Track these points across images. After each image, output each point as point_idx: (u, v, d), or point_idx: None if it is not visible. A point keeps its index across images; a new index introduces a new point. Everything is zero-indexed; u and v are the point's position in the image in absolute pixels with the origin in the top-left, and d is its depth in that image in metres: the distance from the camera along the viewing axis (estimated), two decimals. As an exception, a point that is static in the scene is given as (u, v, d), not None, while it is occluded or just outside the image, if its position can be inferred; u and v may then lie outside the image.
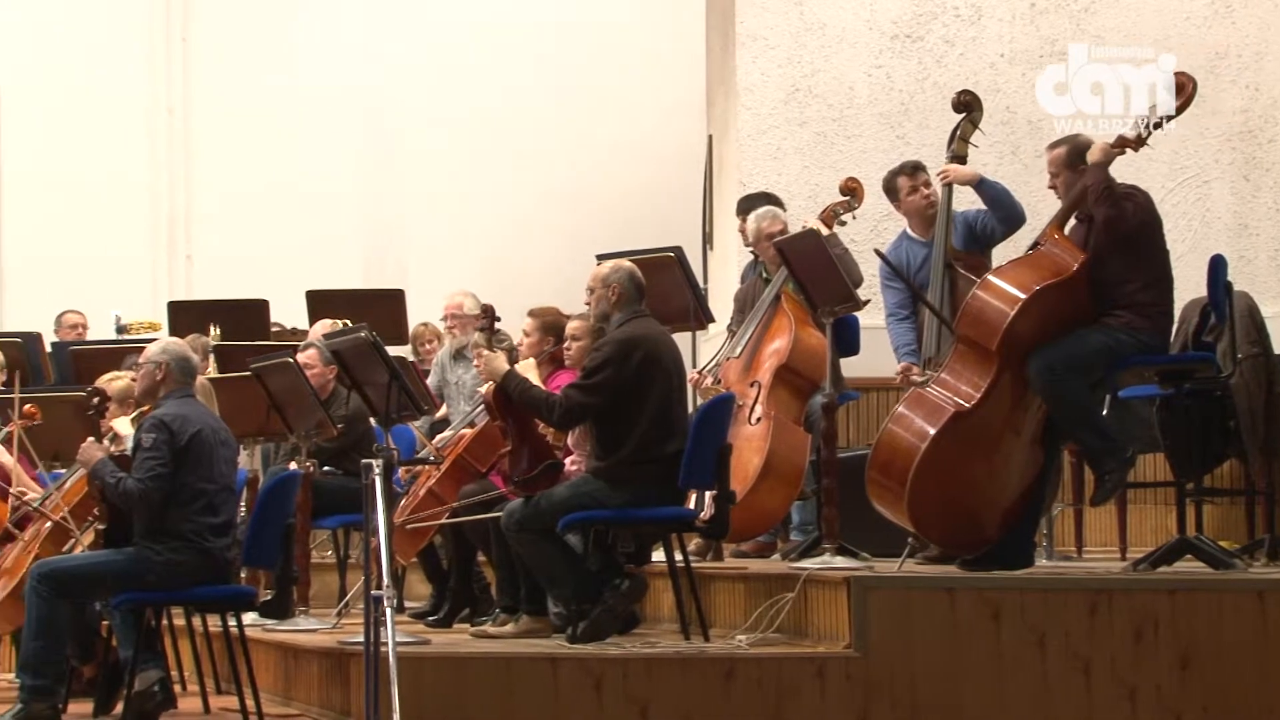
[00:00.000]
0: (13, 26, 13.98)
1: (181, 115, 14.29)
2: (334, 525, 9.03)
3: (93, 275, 13.35)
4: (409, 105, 14.20)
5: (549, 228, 13.90)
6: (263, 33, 14.30)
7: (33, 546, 7.62)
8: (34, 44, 14.02)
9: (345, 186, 14.21)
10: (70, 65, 14.04)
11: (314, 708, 7.31)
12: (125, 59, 14.18)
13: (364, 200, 14.27)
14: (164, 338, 8.92)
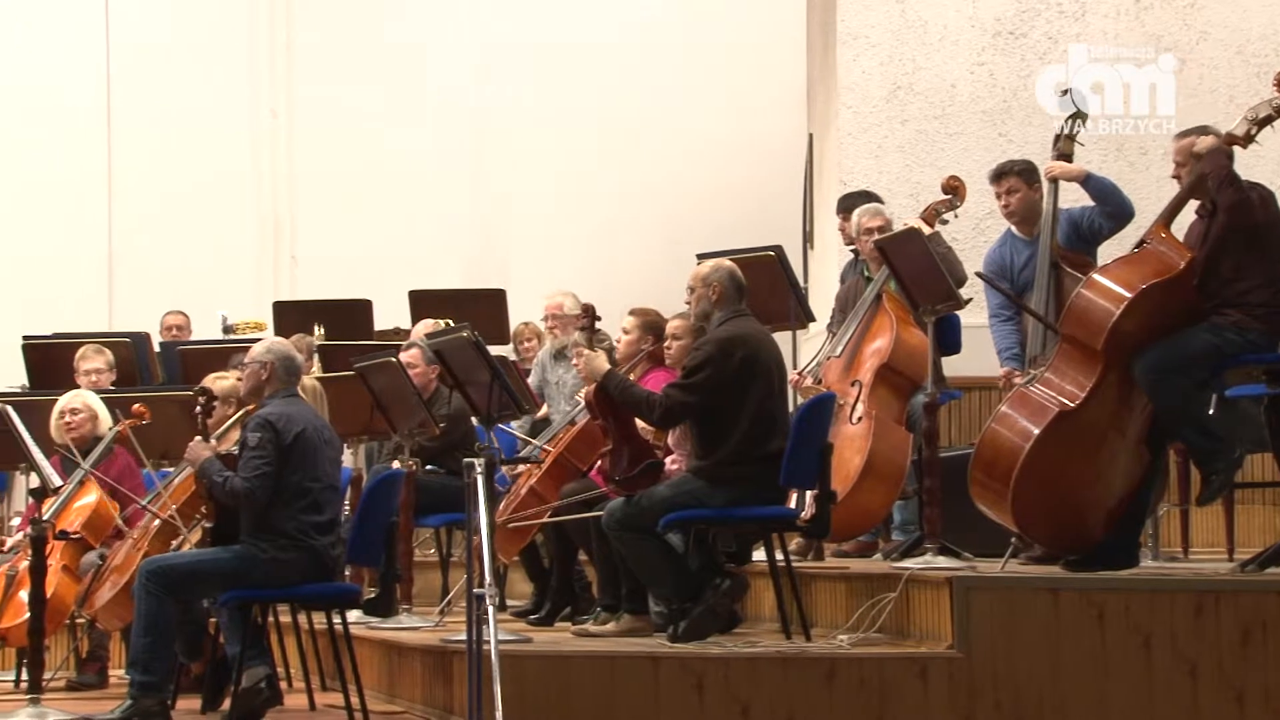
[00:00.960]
0: (122, 32, 14.17)
1: (286, 118, 14.43)
2: (436, 524, 9.08)
3: (200, 276, 13.51)
4: (510, 106, 14.25)
5: (649, 227, 13.91)
6: (365, 35, 14.41)
7: (142, 544, 7.71)
8: (142, 50, 14.20)
9: (447, 187, 14.29)
10: (177, 70, 14.21)
11: (418, 705, 7.36)
12: (230, 63, 14.33)
13: (466, 200, 14.35)
14: (269, 338, 9.02)
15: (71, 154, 13.95)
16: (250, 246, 14.28)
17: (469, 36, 14.34)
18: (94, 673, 8.45)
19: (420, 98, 14.26)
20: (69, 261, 13.79)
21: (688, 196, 13.90)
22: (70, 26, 14.10)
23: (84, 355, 9.73)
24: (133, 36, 14.18)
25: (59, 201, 13.90)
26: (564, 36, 14.26)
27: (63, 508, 8.13)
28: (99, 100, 14.09)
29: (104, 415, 8.37)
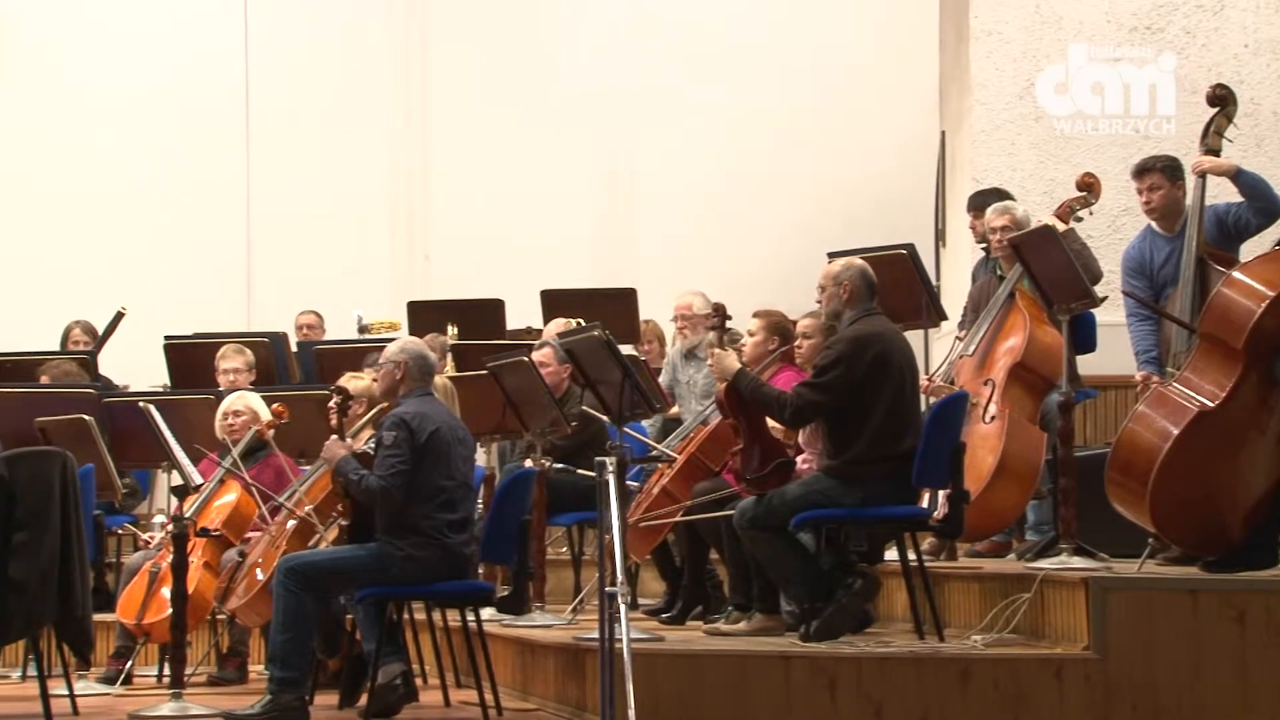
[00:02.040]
0: (260, 35, 14.38)
1: (421, 118, 14.56)
2: (569, 522, 9.13)
3: (336, 276, 13.67)
4: (642, 105, 14.28)
5: (780, 226, 13.88)
6: (501, 36, 14.51)
7: (280, 542, 7.82)
8: (280, 53, 14.40)
9: (580, 187, 14.36)
10: (314, 72, 14.39)
11: (551, 702, 7.40)
12: (366, 64, 14.48)
13: (597, 200, 14.39)
14: (403, 337, 9.10)
15: (211, 156, 14.17)
16: (385, 247, 14.43)
17: (604, 37, 14.39)
18: (234, 668, 8.57)
19: (554, 98, 14.32)
20: (209, 262, 14.00)
21: (819, 194, 13.85)
22: (210, 30, 14.32)
23: (224, 355, 9.89)
24: (270, 39, 14.37)
25: (199, 203, 14.12)
26: (694, 36, 14.26)
27: (204, 505, 8.26)
28: (238, 103, 14.29)
29: (265, 417, 8.49)
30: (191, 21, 14.28)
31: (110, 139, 14.01)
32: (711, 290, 9.54)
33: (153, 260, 13.85)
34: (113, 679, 8.35)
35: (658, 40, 14.29)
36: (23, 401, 8.85)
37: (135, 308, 11.88)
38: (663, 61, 14.25)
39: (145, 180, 14.03)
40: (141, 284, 13.58)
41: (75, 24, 14.16)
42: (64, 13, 14.16)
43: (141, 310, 12.23)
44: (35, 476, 6.67)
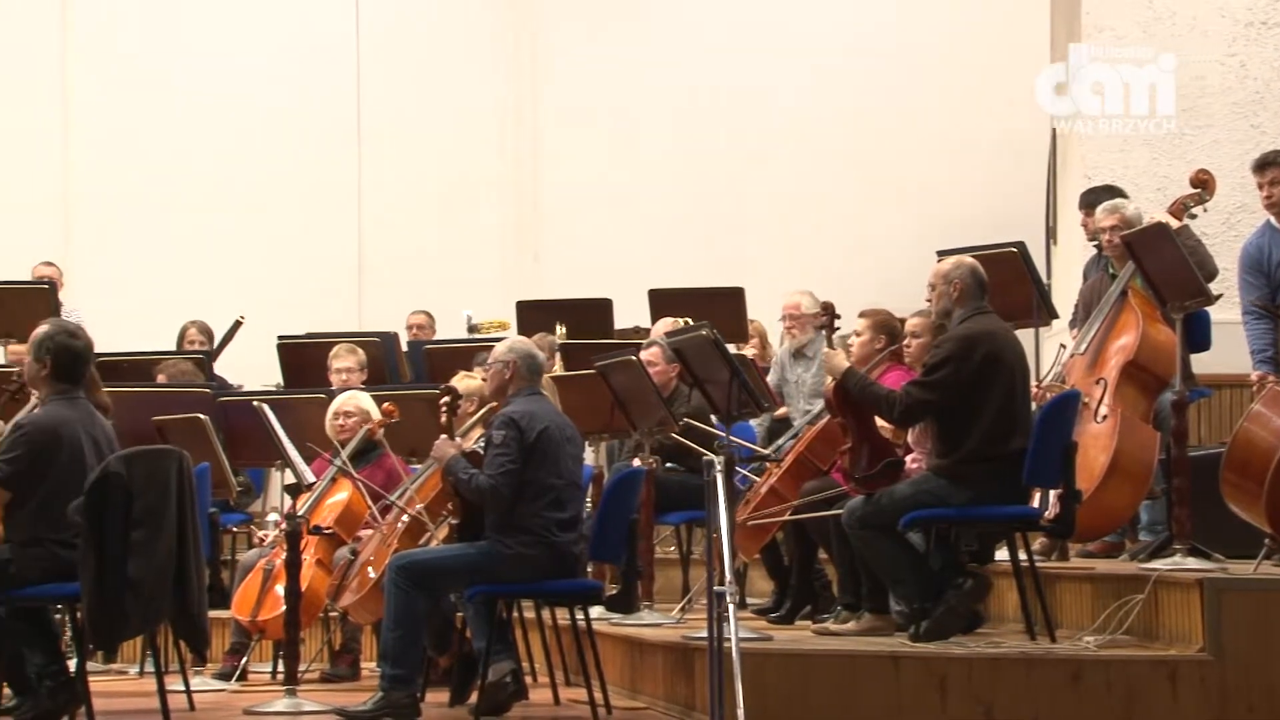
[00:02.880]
0: (372, 37, 14.51)
1: (530, 118, 14.64)
2: (677, 521, 9.14)
3: (446, 276, 13.77)
4: (752, 105, 14.29)
5: (889, 224, 13.83)
6: (613, 36, 14.56)
7: (391, 540, 7.88)
8: (392, 55, 14.53)
9: (687, 186, 14.37)
10: (425, 74, 14.52)
11: (660, 701, 7.41)
12: (477, 66, 14.59)
13: (705, 199, 14.41)
14: (512, 336, 9.15)
15: (323, 158, 14.33)
16: (495, 246, 14.52)
17: (714, 37, 14.40)
18: (346, 665, 8.64)
19: (664, 98, 14.36)
20: (321, 263, 14.16)
21: (929, 193, 13.79)
22: (322, 33, 14.48)
23: (336, 354, 9.99)
24: (382, 41, 14.52)
25: (312, 204, 14.28)
26: (804, 36, 14.24)
27: (316, 503, 8.34)
28: (350, 105, 14.44)
29: (375, 416, 8.57)
30: (303, 23, 14.45)
31: (225, 142, 14.20)
32: (819, 290, 9.52)
33: (266, 261, 14.02)
34: (228, 675, 8.45)
35: (768, 41, 14.29)
36: (140, 401, 8.98)
37: (249, 308, 12.03)
38: (769, 62, 14.24)
39: (258, 182, 14.21)
40: (255, 284, 13.76)
41: (188, 27, 14.36)
42: (176, 15, 14.36)
43: (255, 310, 12.38)
44: (152, 475, 6.77)
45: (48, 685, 6.92)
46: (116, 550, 6.63)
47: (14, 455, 6.78)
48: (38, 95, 14.11)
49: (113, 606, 6.64)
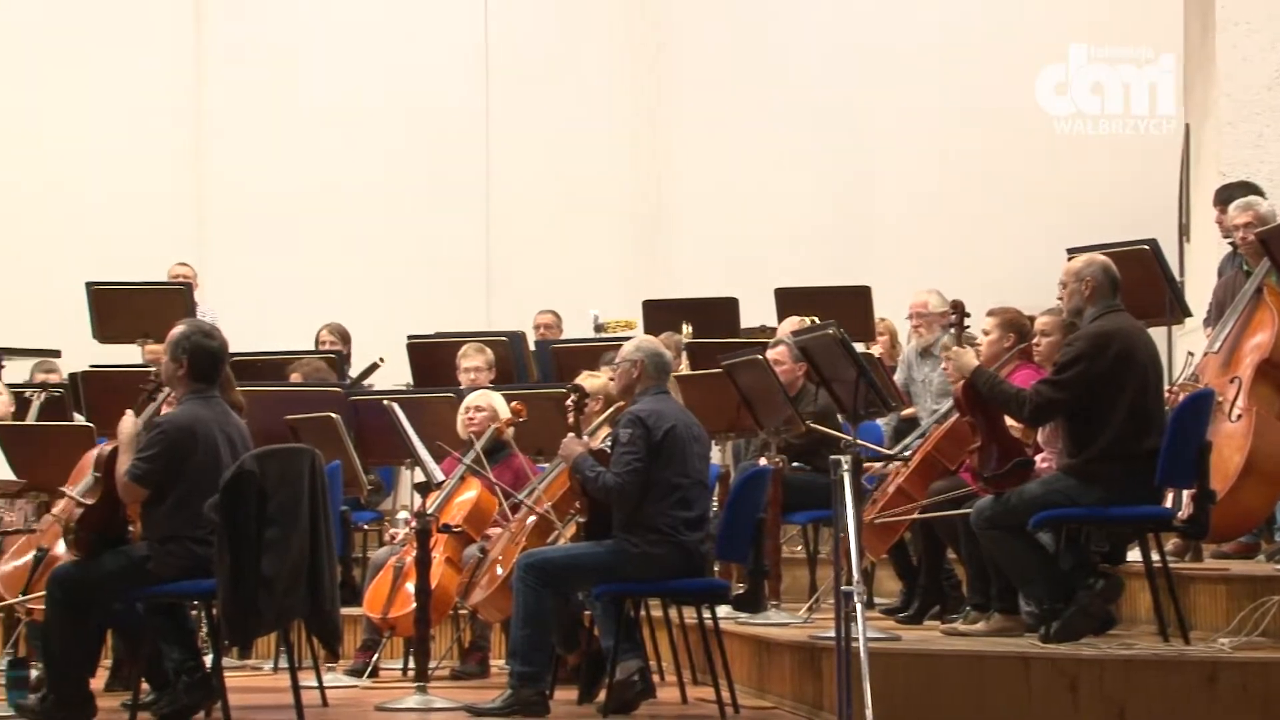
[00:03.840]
0: (498, 38, 14.61)
1: (657, 118, 14.68)
2: (804, 520, 9.12)
3: (573, 276, 13.84)
4: (878, 103, 14.23)
5: (1019, 222, 13.71)
6: (737, 36, 14.56)
7: (520, 538, 7.93)
8: (518, 54, 14.62)
9: (813, 185, 14.34)
10: (552, 75, 14.59)
11: (787, 700, 7.40)
12: (605, 66, 14.65)
13: (831, 198, 14.36)
14: (639, 336, 9.17)
15: (452, 159, 14.45)
16: (621, 245, 14.56)
17: (836, 36, 14.36)
18: (476, 662, 8.71)
19: (791, 96, 14.34)
20: (450, 263, 14.27)
21: (1059, 190, 13.66)
22: (451, 36, 14.60)
23: (465, 354, 10.07)
24: (510, 42, 14.61)
25: (441, 205, 14.40)
26: (931, 35, 14.16)
27: (446, 502, 8.41)
28: (478, 106, 14.55)
29: (504, 415, 8.64)
30: (433, 27, 14.57)
31: (357, 145, 14.36)
32: (948, 288, 9.45)
33: (396, 261, 14.17)
34: (360, 671, 8.55)
35: (892, 40, 14.22)
36: (273, 400, 9.10)
37: (379, 307, 12.18)
38: (897, 60, 14.17)
39: (389, 184, 14.36)
40: (385, 285, 13.92)
41: (321, 31, 14.53)
42: (309, 20, 14.54)
43: (385, 310, 12.53)
44: (285, 473, 6.85)
45: (184, 680, 7.04)
46: (250, 547, 6.72)
47: (152, 454, 6.90)
48: (173, 98, 14.35)
49: (247, 603, 6.73)
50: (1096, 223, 11.60)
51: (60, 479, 7.57)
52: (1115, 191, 13.14)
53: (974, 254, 13.57)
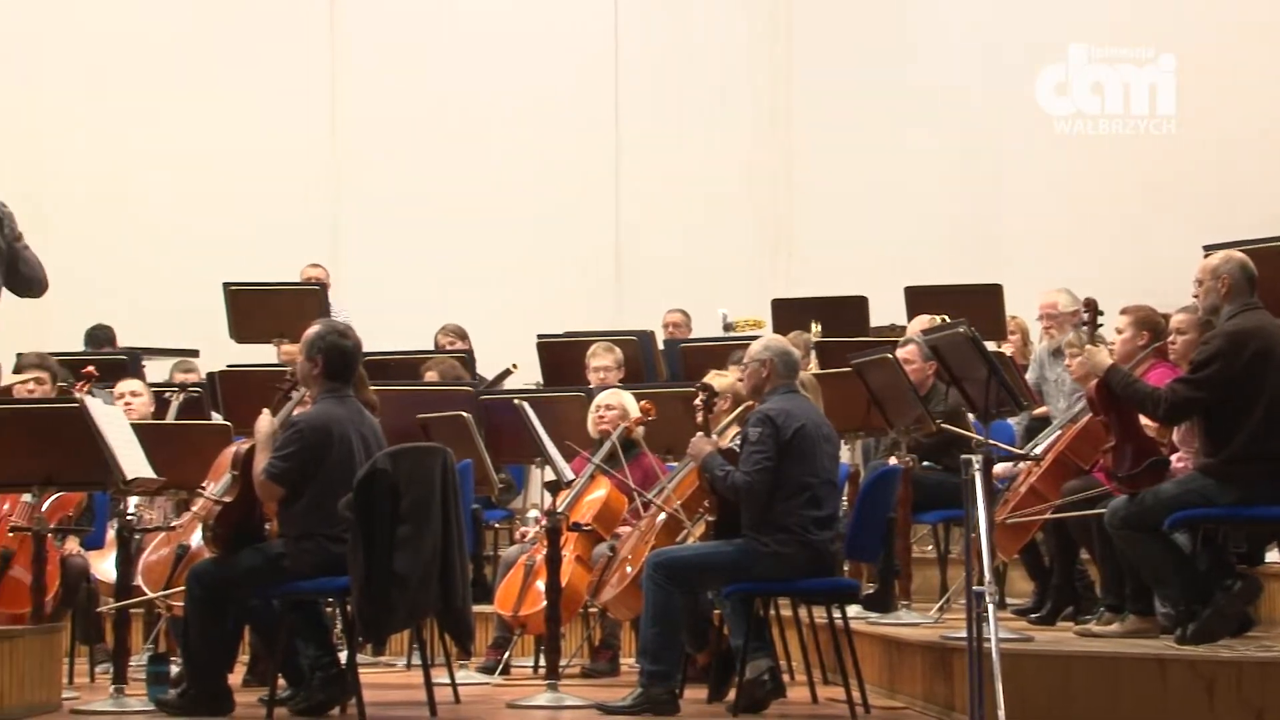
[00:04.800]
0: (627, 40, 14.65)
1: (785, 117, 14.66)
2: (934, 520, 9.07)
3: (702, 275, 13.85)
4: (1003, 103, 14.13)
5: (1152, 218, 13.54)
6: (864, 34, 14.52)
7: (649, 537, 7.96)
8: (647, 55, 14.66)
9: (943, 182, 14.26)
10: (680, 73, 14.63)
11: (918, 701, 7.37)
12: (731, 66, 14.65)
13: (961, 196, 14.27)
14: (767, 335, 9.16)
15: (581, 159, 14.52)
16: (750, 245, 14.56)
17: (964, 35, 14.27)
18: (606, 660, 8.75)
19: (918, 93, 14.26)
20: (579, 262, 14.34)
21: (1193, 186, 13.47)
22: (581, 36, 14.66)
23: (594, 353, 10.12)
24: (639, 44, 14.66)
25: (570, 205, 14.47)
26: (1059, 33, 14.03)
27: (576, 500, 8.46)
28: (608, 107, 14.61)
29: (633, 413, 8.67)
30: (563, 27, 14.65)
31: (487, 145, 14.46)
32: (1080, 287, 9.36)
33: (525, 261, 14.26)
34: (491, 669, 8.62)
35: (1022, 35, 14.10)
36: (406, 399, 9.20)
37: (509, 307, 12.25)
38: (1024, 59, 14.06)
39: (519, 184, 14.45)
40: (514, 284, 14.01)
41: (452, 33, 14.66)
42: (441, 22, 14.67)
43: (514, 309, 12.61)
44: (417, 472, 6.93)
45: (319, 677, 7.14)
46: (384, 545, 6.79)
47: (288, 452, 7.00)
48: (309, 102, 14.54)
49: (380, 600, 6.81)
50: (1234, 218, 11.44)
51: (199, 477, 7.69)
52: (1254, 186, 12.94)
53: (1107, 251, 13.42)
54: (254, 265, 12.57)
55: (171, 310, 13.02)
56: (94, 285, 13.28)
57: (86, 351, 11.30)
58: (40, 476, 7.41)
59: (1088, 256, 13.26)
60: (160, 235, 14.07)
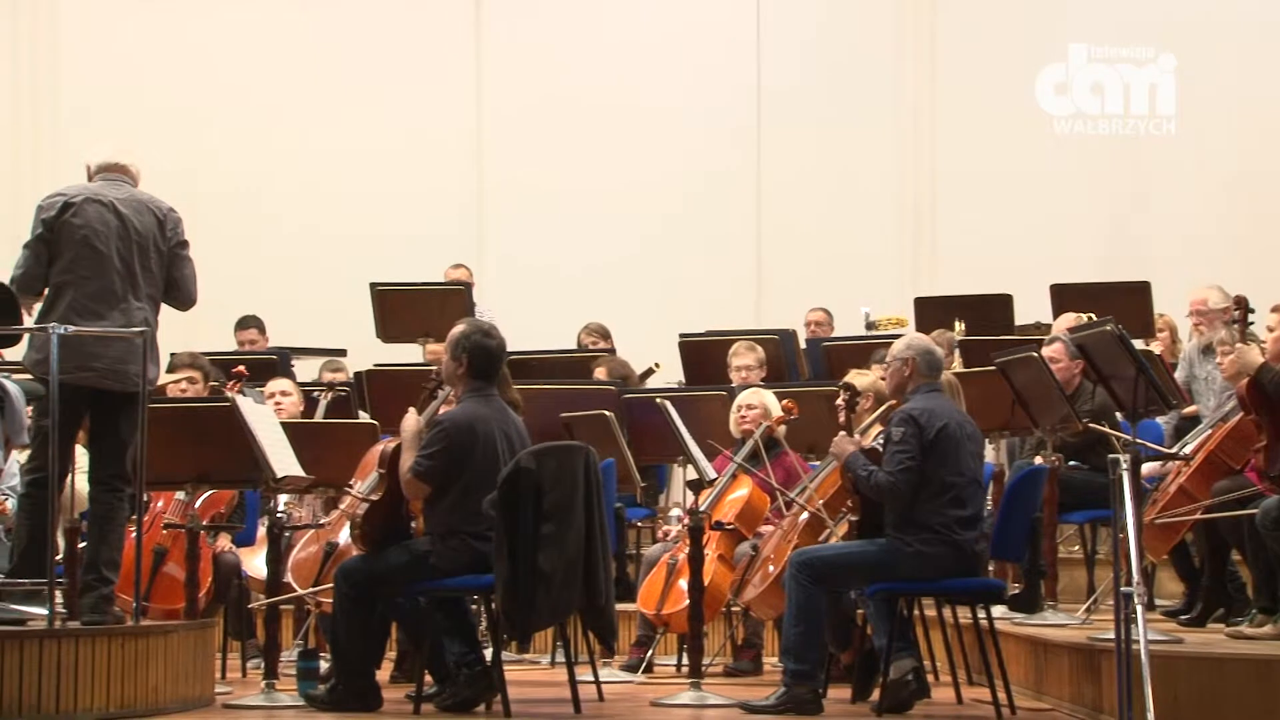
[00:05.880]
0: (769, 38, 14.64)
1: (928, 115, 14.57)
2: (1081, 520, 8.97)
3: (844, 273, 13.80)
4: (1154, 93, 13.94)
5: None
6: (1009, 31, 14.40)
7: (792, 536, 7.95)
8: (789, 53, 14.64)
9: (1089, 177, 14.11)
10: (822, 72, 14.58)
11: (1065, 703, 7.30)
12: (874, 64, 14.59)
13: (1107, 191, 14.11)
14: (910, 333, 9.11)
15: (723, 158, 14.53)
16: (892, 242, 14.49)
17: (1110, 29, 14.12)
18: (749, 659, 8.75)
19: (1062, 88, 14.13)
20: (721, 261, 14.34)
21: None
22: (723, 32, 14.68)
23: (736, 352, 10.12)
24: (781, 41, 14.64)
25: (712, 203, 14.47)
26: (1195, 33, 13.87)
27: (718, 499, 8.47)
28: (749, 105, 14.60)
29: (776, 414, 8.67)
30: (705, 24, 14.66)
31: (629, 145, 14.51)
32: (1230, 283, 9.21)
33: (667, 260, 14.28)
34: (635, 667, 8.65)
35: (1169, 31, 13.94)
36: (548, 398, 9.26)
37: (651, 306, 12.27)
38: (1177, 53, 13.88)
39: (660, 182, 14.48)
40: (656, 283, 14.04)
41: (594, 33, 14.73)
42: (584, 22, 14.74)
43: (657, 309, 12.63)
44: (561, 470, 6.97)
45: (465, 673, 7.21)
46: (528, 543, 6.85)
47: (434, 451, 7.08)
48: (454, 103, 14.66)
49: (525, 598, 6.86)
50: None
51: (346, 475, 7.80)
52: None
53: (1257, 247, 13.19)
54: (400, 266, 12.70)
55: (320, 310, 13.19)
56: (244, 285, 13.49)
57: (237, 352, 11.49)
58: (193, 474, 7.57)
59: (1240, 252, 13.05)
60: (309, 237, 14.26)
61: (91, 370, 6.97)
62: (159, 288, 7.21)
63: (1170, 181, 13.97)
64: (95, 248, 7.07)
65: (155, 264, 7.18)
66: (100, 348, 6.99)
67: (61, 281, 7.07)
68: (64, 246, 7.07)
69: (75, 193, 7.18)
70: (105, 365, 7.01)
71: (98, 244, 7.07)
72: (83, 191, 7.19)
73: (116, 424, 7.10)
